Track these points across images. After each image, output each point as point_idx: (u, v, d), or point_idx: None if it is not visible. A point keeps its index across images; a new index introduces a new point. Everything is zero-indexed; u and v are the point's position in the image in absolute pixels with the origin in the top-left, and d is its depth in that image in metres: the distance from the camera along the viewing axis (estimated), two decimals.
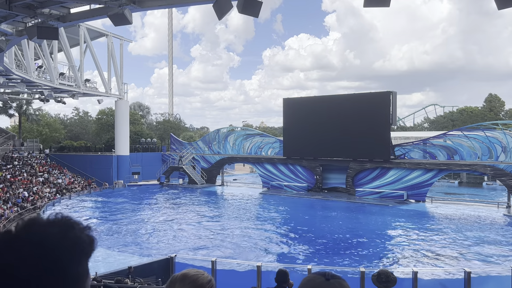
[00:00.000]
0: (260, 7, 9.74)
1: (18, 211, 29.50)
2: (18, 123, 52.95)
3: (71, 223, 1.02)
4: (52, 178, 40.59)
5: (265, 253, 19.99)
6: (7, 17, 13.24)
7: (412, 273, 10.97)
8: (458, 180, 49.55)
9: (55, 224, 1.00)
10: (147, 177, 48.51)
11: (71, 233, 1.00)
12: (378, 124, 35.71)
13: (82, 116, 71.54)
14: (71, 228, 1.01)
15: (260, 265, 11.16)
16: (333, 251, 20.33)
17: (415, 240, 22.42)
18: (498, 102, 68.23)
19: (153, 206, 34.45)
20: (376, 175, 36.62)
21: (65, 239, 0.98)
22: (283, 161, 41.77)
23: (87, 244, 1.03)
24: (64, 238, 0.98)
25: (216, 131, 48.39)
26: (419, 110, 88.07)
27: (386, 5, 9.40)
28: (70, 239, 0.99)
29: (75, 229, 1.02)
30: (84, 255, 1.02)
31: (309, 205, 33.89)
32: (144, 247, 21.44)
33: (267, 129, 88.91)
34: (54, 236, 0.98)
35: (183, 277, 1.57)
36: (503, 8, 8.98)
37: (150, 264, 13.34)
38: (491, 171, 32.15)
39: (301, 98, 42.75)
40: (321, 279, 1.31)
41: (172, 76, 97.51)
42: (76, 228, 1.02)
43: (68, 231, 1.00)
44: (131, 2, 11.27)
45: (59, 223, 1.01)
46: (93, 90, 43.92)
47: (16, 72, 27.50)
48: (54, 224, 1.00)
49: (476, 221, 27.26)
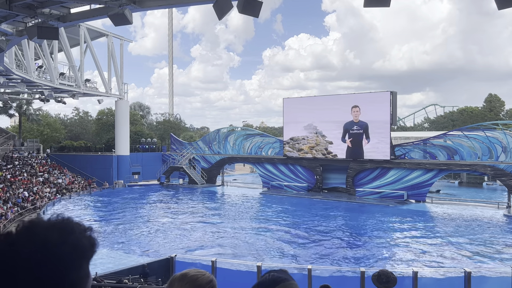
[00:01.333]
0: (260, 7, 9.74)
1: (18, 211, 29.50)
2: (18, 123, 52.94)
3: (71, 226, 1.01)
4: (52, 178, 40.60)
5: (265, 253, 19.99)
6: (7, 17, 13.24)
7: (412, 273, 10.98)
8: (458, 180, 49.55)
9: (55, 227, 0.99)
10: (147, 177, 48.51)
11: (72, 236, 0.99)
12: (378, 124, 35.75)
13: (82, 116, 71.54)
14: (72, 231, 1.00)
15: (260, 265, 11.17)
16: (333, 251, 20.32)
17: (415, 240, 22.41)
18: (498, 102, 68.21)
19: (153, 206, 34.45)
20: (376, 175, 36.63)
21: (65, 244, 0.97)
22: (283, 161, 41.78)
23: (88, 247, 1.02)
24: (65, 243, 0.97)
25: (216, 131, 48.39)
26: (419, 110, 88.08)
27: (386, 5, 9.39)
28: (71, 243, 0.98)
29: (76, 232, 1.01)
30: (85, 258, 1.01)
31: (309, 205, 33.88)
32: (144, 247, 21.43)
33: (267, 129, 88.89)
34: (55, 240, 0.97)
35: (182, 277, 1.55)
36: (503, 8, 8.97)
37: (150, 264, 13.35)
38: (491, 171, 32.15)
39: (301, 98, 42.75)
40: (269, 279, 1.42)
41: (172, 76, 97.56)
42: (77, 231, 1.01)
43: (69, 235, 0.99)
44: (131, 2, 11.26)
45: (60, 226, 1.00)
46: (93, 90, 43.92)
47: (16, 72, 27.50)
48: (54, 227, 0.99)
49: (476, 221, 27.26)
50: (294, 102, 41.76)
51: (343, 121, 37.75)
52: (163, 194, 40.73)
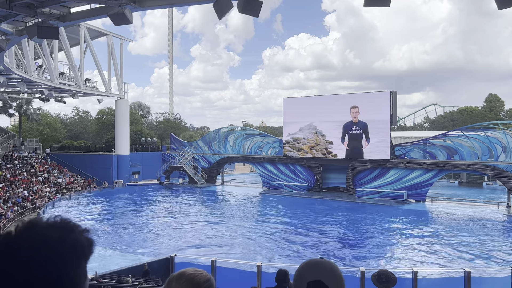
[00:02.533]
0: (261, 7, 9.73)
1: (18, 211, 29.50)
2: (18, 123, 52.96)
3: (70, 226, 1.03)
4: (52, 178, 40.59)
5: (265, 253, 19.99)
6: (7, 16, 13.24)
7: (412, 273, 10.97)
8: (458, 180, 49.53)
9: (55, 227, 1.01)
10: (147, 177, 48.50)
11: (71, 236, 1.01)
12: (378, 124, 35.75)
13: (82, 115, 71.55)
14: (71, 231, 1.02)
15: (260, 265, 11.15)
16: (333, 251, 20.32)
17: (415, 240, 22.41)
18: (497, 102, 68.21)
19: (153, 206, 34.44)
20: (376, 175, 36.63)
21: (65, 242, 0.99)
22: (283, 160, 41.78)
23: (86, 247, 1.04)
24: (64, 241, 0.99)
25: (216, 130, 48.38)
26: (419, 110, 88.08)
27: (387, 5, 9.39)
28: (70, 242, 1.00)
29: (75, 232, 1.03)
30: (83, 258, 1.03)
31: (309, 204, 33.87)
32: (144, 246, 21.43)
33: (267, 128, 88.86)
34: (54, 239, 0.98)
35: (180, 276, 1.54)
36: (503, 8, 8.96)
37: (150, 263, 13.35)
38: (491, 171, 32.14)
39: (301, 98, 42.73)
40: (317, 259, 1.67)
41: (172, 76, 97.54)
42: (76, 231, 1.03)
43: (68, 234, 1.01)
44: (131, 1, 11.26)
45: (59, 226, 1.02)
46: (93, 90, 43.92)
47: (16, 72, 27.50)
48: (54, 227, 1.01)
49: (476, 220, 27.26)
50: (294, 102, 41.75)
51: (343, 121, 37.74)
52: (163, 194, 40.73)
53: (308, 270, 1.59)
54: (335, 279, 1.57)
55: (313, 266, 1.60)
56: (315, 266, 1.60)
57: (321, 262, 1.63)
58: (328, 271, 1.58)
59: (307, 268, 1.60)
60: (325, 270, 1.58)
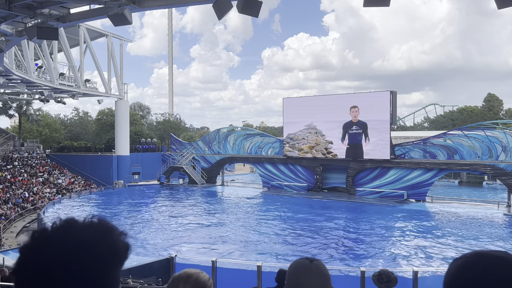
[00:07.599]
0: (260, 7, 9.73)
1: (19, 212, 29.50)
2: (18, 124, 52.98)
3: (108, 228, 0.99)
4: (52, 179, 40.59)
5: (266, 253, 19.98)
6: (7, 17, 13.23)
7: (413, 273, 10.96)
8: (458, 180, 49.53)
9: (92, 228, 0.97)
10: (147, 177, 48.49)
11: (108, 239, 0.97)
12: (378, 124, 35.75)
13: (82, 116, 71.56)
14: (109, 233, 0.98)
15: (260, 265, 11.14)
16: (334, 251, 20.32)
17: (415, 240, 22.41)
18: (496, 102, 68.23)
19: (153, 206, 34.43)
20: (376, 175, 36.62)
21: (101, 245, 0.95)
22: (283, 161, 41.77)
23: (123, 251, 0.99)
24: (101, 244, 0.95)
25: (216, 131, 48.37)
26: (419, 109, 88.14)
27: (386, 5, 9.39)
28: (107, 245, 0.96)
29: (112, 235, 0.98)
30: (118, 262, 0.99)
31: (309, 204, 33.87)
32: (145, 246, 21.42)
33: (267, 129, 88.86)
34: (91, 241, 0.94)
35: (187, 277, 1.60)
36: (503, 7, 8.96)
37: (150, 264, 13.34)
38: (491, 170, 32.14)
39: (301, 98, 42.74)
40: (306, 261, 1.66)
41: (172, 76, 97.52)
42: (113, 234, 0.98)
43: (106, 237, 0.97)
44: (131, 2, 11.26)
45: (97, 228, 0.97)
46: (93, 90, 43.92)
47: (16, 73, 27.50)
48: (91, 228, 0.96)
49: (476, 220, 27.26)
50: (294, 102, 41.75)
51: (343, 121, 37.73)
52: (163, 194, 40.72)
53: (305, 277, 1.61)
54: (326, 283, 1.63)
55: (308, 272, 1.61)
56: (308, 272, 1.61)
57: (313, 268, 1.63)
58: (321, 277, 1.62)
59: (304, 276, 1.61)
60: (319, 276, 1.62)
